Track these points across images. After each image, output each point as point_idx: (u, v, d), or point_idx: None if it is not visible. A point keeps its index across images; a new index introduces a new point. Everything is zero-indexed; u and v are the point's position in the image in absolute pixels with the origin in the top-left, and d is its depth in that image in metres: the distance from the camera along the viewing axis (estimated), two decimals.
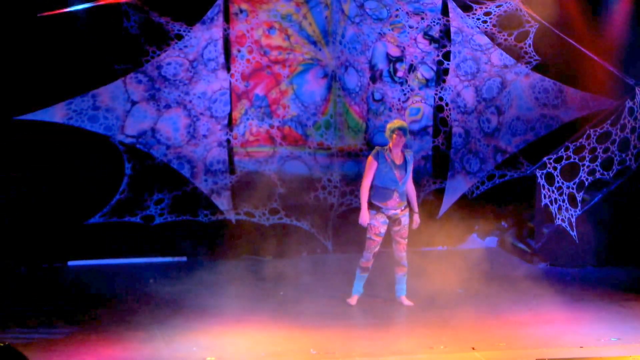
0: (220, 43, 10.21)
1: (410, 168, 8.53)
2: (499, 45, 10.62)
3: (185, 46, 10.01)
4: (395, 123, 8.56)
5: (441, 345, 7.46)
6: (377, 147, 8.64)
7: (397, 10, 10.60)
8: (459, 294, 9.20)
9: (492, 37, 10.61)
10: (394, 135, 8.44)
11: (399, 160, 8.50)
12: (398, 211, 8.57)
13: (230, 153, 10.54)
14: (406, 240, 8.67)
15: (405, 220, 8.61)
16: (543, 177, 10.21)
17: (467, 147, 10.93)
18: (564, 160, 10.19)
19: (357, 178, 10.50)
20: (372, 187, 8.55)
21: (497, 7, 10.40)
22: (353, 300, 8.79)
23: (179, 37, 9.96)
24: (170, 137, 10.18)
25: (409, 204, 8.66)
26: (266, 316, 8.35)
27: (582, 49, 10.24)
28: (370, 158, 8.56)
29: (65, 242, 10.22)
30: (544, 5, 10.30)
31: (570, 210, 10.13)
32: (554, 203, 10.15)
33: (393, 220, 8.59)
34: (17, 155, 9.87)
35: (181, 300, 8.90)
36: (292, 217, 10.65)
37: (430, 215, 10.84)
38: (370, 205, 8.55)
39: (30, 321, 8.12)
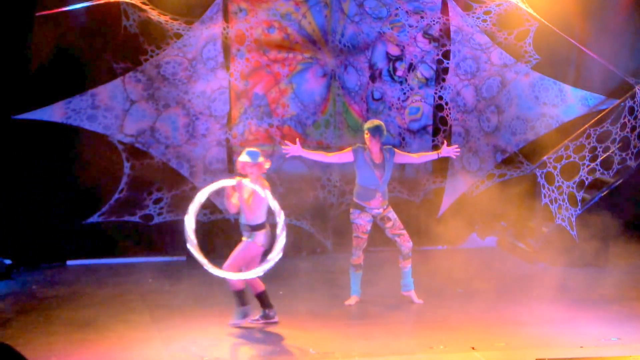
0: (220, 42, 10.19)
1: (390, 166, 8.51)
2: (498, 44, 10.61)
3: (185, 45, 9.99)
4: (368, 123, 8.57)
5: (441, 345, 7.44)
6: (357, 144, 8.61)
7: (396, 9, 10.59)
8: (458, 293, 9.19)
9: (492, 36, 10.60)
10: (366, 136, 8.43)
11: (378, 160, 8.48)
12: (381, 210, 8.57)
13: (230, 152, 10.52)
14: (404, 230, 8.66)
15: (392, 215, 8.63)
16: (543, 176, 10.20)
17: (467, 146, 10.92)
18: (564, 160, 10.18)
19: None
20: (355, 186, 8.59)
21: (497, 6, 10.38)
22: (352, 301, 8.77)
23: (178, 36, 9.94)
24: (169, 136, 10.16)
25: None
26: None
27: (582, 47, 10.23)
28: (348, 148, 8.59)
29: (64, 242, 10.21)
30: (543, 4, 10.29)
31: (570, 209, 10.12)
32: (554, 202, 10.14)
33: (380, 219, 8.59)
34: (16, 154, 9.84)
35: (180, 300, 8.89)
36: (291, 216, 10.62)
37: (430, 215, 10.85)
38: (354, 205, 8.57)
39: (29, 321, 8.11)
